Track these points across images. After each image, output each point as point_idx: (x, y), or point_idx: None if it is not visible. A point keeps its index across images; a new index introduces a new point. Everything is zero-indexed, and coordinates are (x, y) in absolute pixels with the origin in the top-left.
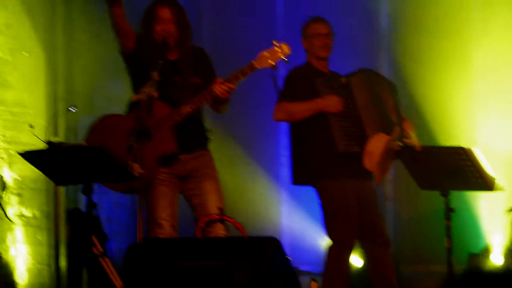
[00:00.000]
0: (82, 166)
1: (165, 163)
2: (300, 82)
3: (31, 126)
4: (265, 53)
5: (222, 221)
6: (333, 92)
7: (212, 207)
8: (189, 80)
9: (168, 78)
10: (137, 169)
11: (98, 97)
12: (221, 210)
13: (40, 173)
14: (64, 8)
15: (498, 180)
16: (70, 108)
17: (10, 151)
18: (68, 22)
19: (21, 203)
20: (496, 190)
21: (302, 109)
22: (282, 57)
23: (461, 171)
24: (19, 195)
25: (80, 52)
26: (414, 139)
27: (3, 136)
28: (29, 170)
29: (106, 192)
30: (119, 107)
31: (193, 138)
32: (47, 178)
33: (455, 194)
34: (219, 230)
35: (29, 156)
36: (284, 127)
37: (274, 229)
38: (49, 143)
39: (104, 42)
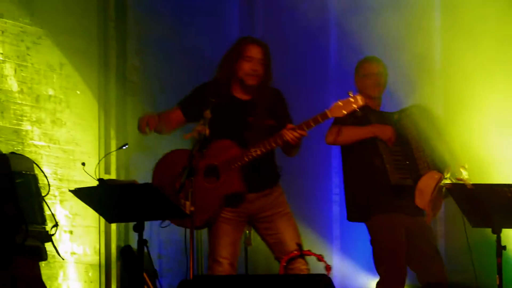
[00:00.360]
0: (133, 204)
1: (231, 202)
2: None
3: (83, 164)
4: (339, 103)
5: (302, 256)
6: None
7: (290, 244)
8: (263, 121)
9: (242, 119)
10: (188, 207)
11: (150, 135)
12: (300, 246)
13: (92, 210)
14: (117, 47)
15: None
16: (122, 146)
17: (61, 188)
18: (121, 61)
19: (73, 240)
20: None
21: (355, 132)
22: (355, 108)
23: None
24: (70, 232)
25: (132, 90)
26: (465, 177)
27: (55, 173)
28: (81, 207)
29: (157, 229)
30: (170, 145)
31: (262, 177)
32: (98, 216)
33: (506, 232)
34: (301, 265)
35: (81, 193)
36: (336, 164)
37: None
38: (100, 180)
39: (155, 80)
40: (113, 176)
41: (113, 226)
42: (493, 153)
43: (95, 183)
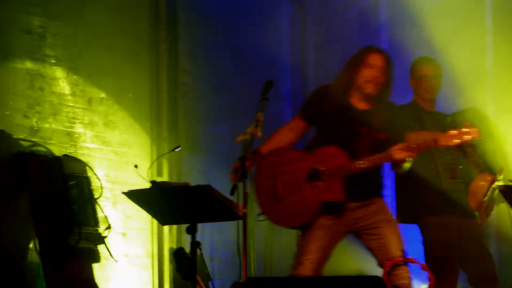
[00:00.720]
0: (186, 206)
1: (329, 210)
2: (406, 120)
3: (136, 166)
4: (453, 132)
5: (406, 263)
6: (440, 129)
7: (395, 250)
8: (375, 134)
9: (354, 128)
10: (241, 209)
11: (202, 137)
12: (404, 253)
13: (144, 212)
14: (168, 49)
15: None
16: (174, 149)
17: (114, 191)
18: (172, 63)
19: (126, 242)
20: None
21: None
22: (468, 139)
23: None
24: (123, 234)
25: (184, 93)
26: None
27: (108, 176)
28: (133, 209)
29: (209, 231)
30: (223, 147)
31: (366, 187)
32: (151, 218)
33: None
34: (404, 273)
35: (133, 195)
36: (386, 167)
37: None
38: (153, 182)
39: (207, 82)
40: (165, 178)
41: (166, 228)
42: None
43: (148, 185)
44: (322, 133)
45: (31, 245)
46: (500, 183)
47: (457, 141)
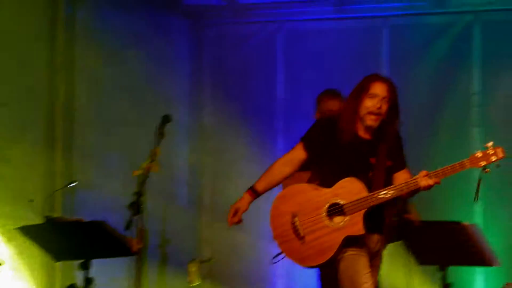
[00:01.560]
0: (79, 242)
1: (351, 243)
2: None
3: (31, 201)
4: (479, 154)
5: None
6: None
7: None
8: (384, 162)
9: (365, 158)
10: (136, 244)
11: (97, 172)
12: None
13: (38, 248)
14: (66, 84)
15: (496, 255)
16: (69, 184)
17: (7, 226)
18: (69, 98)
19: (18, 279)
20: (493, 265)
21: None
22: (495, 160)
23: (460, 247)
24: (15, 270)
25: (79, 128)
26: (414, 214)
27: (1, 211)
28: (27, 245)
29: (102, 268)
30: (119, 182)
31: (383, 219)
32: (44, 254)
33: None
34: None
35: (27, 231)
36: None
37: None
38: (47, 218)
39: (103, 117)
40: (59, 213)
41: (58, 264)
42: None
43: (41, 221)
44: (329, 166)
45: None
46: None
47: (482, 163)
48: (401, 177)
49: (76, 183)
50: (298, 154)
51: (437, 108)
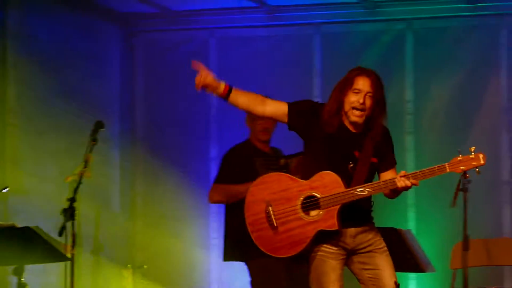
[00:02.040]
0: (12, 247)
1: (327, 239)
2: (239, 162)
3: None
4: (459, 158)
5: None
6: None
7: (389, 282)
8: (368, 158)
9: (349, 151)
10: (69, 250)
11: (30, 178)
12: (397, 285)
13: None
14: None
15: (429, 261)
16: (2, 190)
17: None
18: (1, 106)
19: None
20: (428, 271)
21: (237, 191)
22: (476, 166)
23: (395, 253)
24: None
25: (12, 134)
26: None
27: None
28: None
29: (37, 273)
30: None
31: (364, 212)
32: None
33: None
34: None
35: None
36: (214, 209)
37: None
38: None
39: (36, 123)
40: None
41: None
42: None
43: None
44: (311, 155)
45: None
46: None
47: (463, 168)
48: (388, 176)
49: (8, 189)
50: (281, 105)
51: None
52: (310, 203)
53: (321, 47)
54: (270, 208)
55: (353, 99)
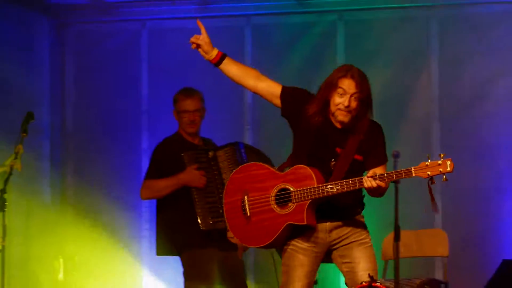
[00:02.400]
0: None
1: (299, 233)
2: (168, 156)
3: None
4: (427, 163)
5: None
6: (200, 166)
7: (362, 274)
8: (351, 155)
9: (331, 147)
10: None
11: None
12: (372, 278)
13: None
14: None
15: None
16: None
17: None
18: None
19: None
20: None
21: (165, 185)
22: (442, 173)
23: None
24: None
25: None
26: None
27: None
28: None
29: None
30: None
31: (343, 207)
32: None
33: None
34: None
35: None
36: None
37: None
38: None
39: None
40: None
41: None
42: None
43: None
44: (297, 145)
45: None
46: None
47: (429, 173)
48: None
49: None
50: (275, 85)
51: None
52: (283, 196)
53: (252, 39)
54: (246, 198)
55: (338, 101)
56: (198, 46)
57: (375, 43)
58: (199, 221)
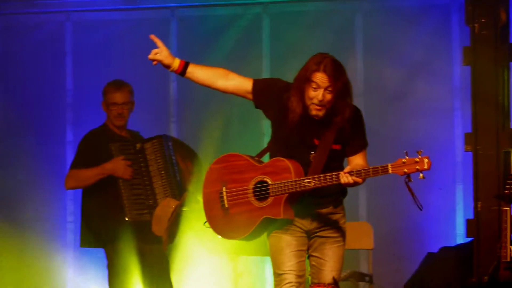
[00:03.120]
0: None
1: (277, 225)
2: (95, 147)
3: None
4: (404, 160)
5: None
6: (127, 157)
7: (327, 274)
8: (328, 147)
9: (309, 139)
10: None
11: None
12: (335, 281)
13: None
14: None
15: None
16: None
17: None
18: None
19: None
20: None
21: (90, 175)
22: (418, 171)
23: None
24: None
25: None
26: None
27: None
28: None
29: None
30: None
31: (327, 195)
32: None
33: None
34: None
35: None
36: (71, 192)
37: None
38: None
39: None
40: None
41: None
42: None
43: None
44: (275, 137)
45: None
46: (186, 208)
47: (406, 170)
48: (354, 162)
49: None
50: (245, 81)
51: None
52: (261, 188)
53: (177, 31)
54: (224, 189)
55: (312, 94)
56: (159, 61)
57: (300, 36)
58: (125, 212)
